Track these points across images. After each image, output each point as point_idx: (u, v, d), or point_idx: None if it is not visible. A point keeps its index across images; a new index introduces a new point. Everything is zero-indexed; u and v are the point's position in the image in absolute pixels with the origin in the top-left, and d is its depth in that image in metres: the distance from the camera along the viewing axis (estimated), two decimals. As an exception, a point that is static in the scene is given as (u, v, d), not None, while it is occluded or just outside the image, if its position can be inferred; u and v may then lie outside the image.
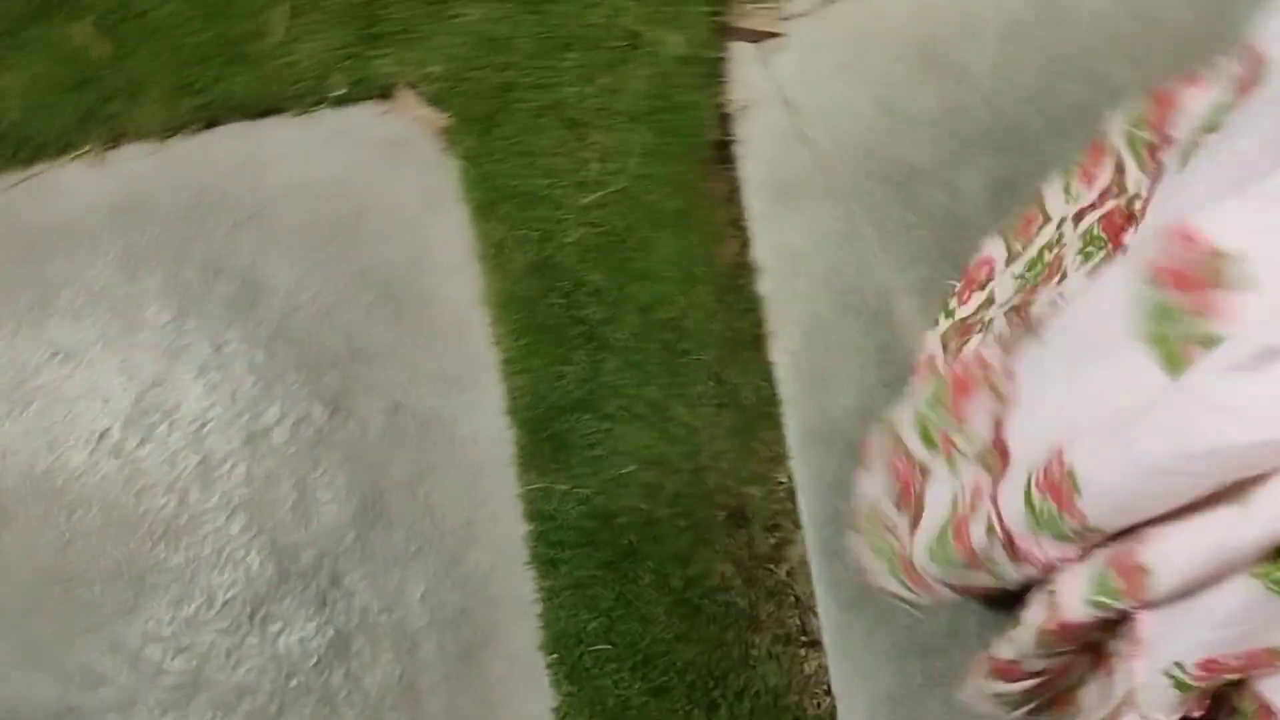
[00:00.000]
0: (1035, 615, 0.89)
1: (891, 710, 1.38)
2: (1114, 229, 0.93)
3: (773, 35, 1.52)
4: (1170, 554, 0.72)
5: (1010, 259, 1.09)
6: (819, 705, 1.41)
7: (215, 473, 1.52)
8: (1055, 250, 1.00)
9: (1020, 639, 0.93)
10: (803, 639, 1.43)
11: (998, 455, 0.87)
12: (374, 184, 1.52)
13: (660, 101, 1.48)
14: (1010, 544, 0.85)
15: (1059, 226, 1.03)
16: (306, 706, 1.48)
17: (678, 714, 1.41)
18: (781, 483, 1.46)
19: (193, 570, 1.51)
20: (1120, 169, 0.98)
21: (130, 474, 1.53)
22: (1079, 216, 1.00)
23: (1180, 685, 0.79)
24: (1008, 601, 1.41)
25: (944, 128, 1.50)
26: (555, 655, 1.43)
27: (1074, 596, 0.82)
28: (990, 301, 1.08)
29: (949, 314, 1.17)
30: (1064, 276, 0.95)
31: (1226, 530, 0.68)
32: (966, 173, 1.48)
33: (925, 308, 1.45)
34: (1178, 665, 0.78)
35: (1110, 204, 0.96)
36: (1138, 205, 0.92)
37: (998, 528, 0.85)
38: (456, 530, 1.50)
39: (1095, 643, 0.90)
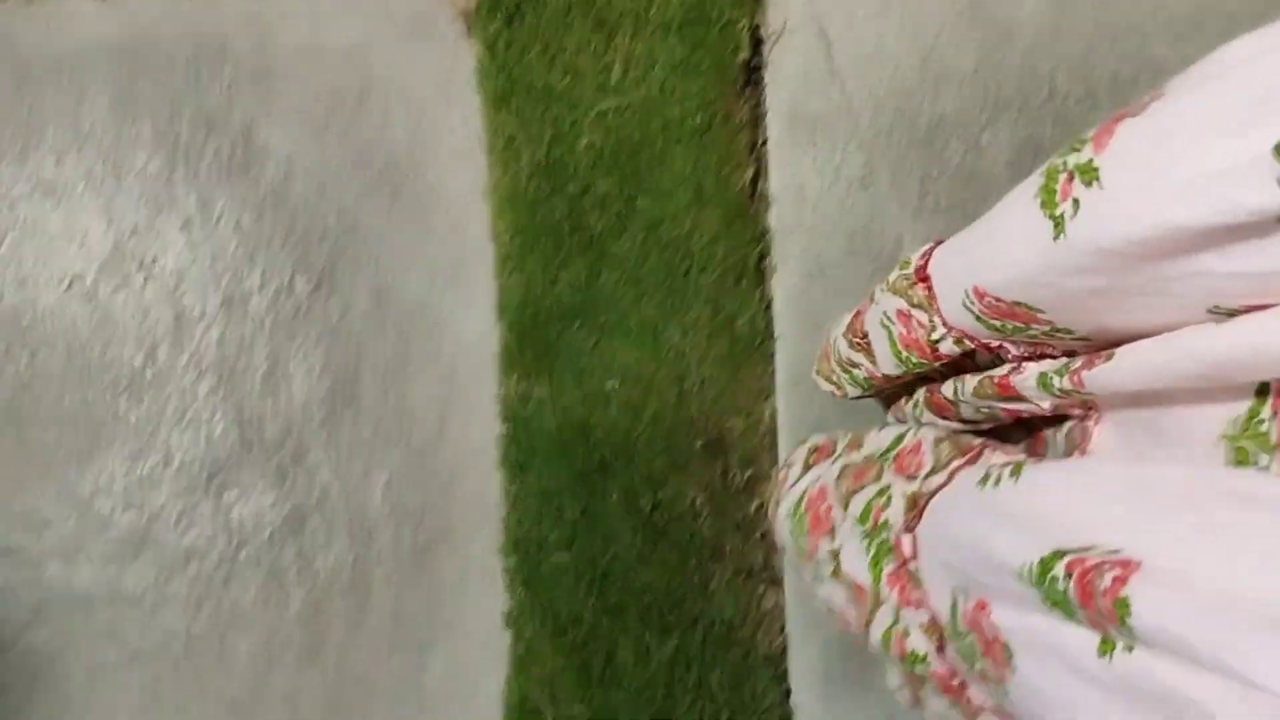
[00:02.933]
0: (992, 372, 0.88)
1: (843, 656, 1.37)
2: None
3: (818, -37, 1.47)
4: (1134, 351, 0.69)
5: None
6: (771, 643, 1.40)
7: (188, 331, 1.47)
8: None
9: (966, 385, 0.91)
10: (764, 575, 1.42)
11: (919, 281, 0.85)
12: (387, 59, 1.47)
13: (694, 13, 1.43)
14: (984, 348, 0.84)
15: None
16: (254, 579, 1.45)
17: (629, 634, 1.40)
18: (764, 419, 1.44)
19: (153, 427, 1.47)
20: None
21: (100, 321, 1.48)
22: None
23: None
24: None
25: (978, 84, 1.46)
26: (514, 559, 1.41)
27: (1032, 372, 0.80)
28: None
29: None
30: None
31: (1195, 338, 0.63)
32: (993, 131, 1.44)
33: (932, 263, 1.43)
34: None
35: None
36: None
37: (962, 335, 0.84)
38: (428, 424, 1.47)
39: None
